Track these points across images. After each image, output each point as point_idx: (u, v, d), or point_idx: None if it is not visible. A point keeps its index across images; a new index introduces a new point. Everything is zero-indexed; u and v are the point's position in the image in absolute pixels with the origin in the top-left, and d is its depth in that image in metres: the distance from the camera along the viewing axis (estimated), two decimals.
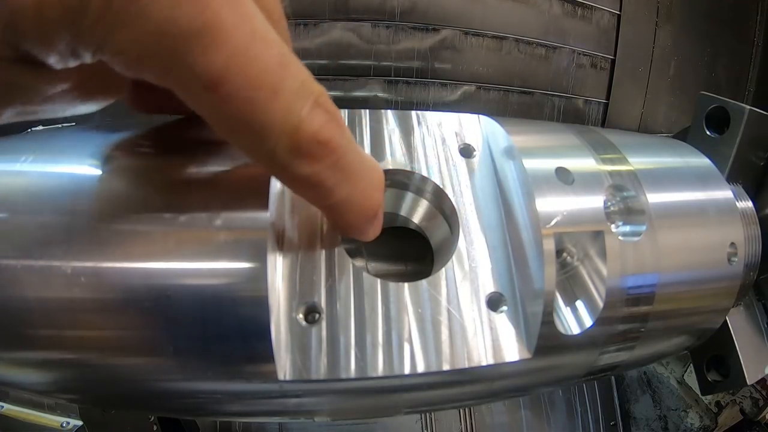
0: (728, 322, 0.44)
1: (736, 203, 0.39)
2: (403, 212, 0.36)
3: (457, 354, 0.27)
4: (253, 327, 0.25)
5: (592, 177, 0.33)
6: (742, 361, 0.44)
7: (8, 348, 0.27)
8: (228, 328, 0.25)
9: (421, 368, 0.27)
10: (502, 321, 0.29)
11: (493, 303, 0.29)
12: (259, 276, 0.25)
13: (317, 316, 0.27)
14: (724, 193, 0.39)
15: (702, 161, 0.41)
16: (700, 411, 0.76)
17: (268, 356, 0.25)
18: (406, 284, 0.28)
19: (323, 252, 0.28)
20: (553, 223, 0.29)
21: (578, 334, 0.30)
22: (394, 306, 0.27)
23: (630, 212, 0.34)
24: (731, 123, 0.43)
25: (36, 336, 0.27)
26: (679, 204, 0.36)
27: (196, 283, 0.25)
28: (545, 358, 0.30)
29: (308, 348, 0.26)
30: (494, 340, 0.28)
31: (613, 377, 0.93)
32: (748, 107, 0.43)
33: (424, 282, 0.28)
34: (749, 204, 0.42)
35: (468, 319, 0.28)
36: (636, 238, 0.32)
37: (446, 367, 0.27)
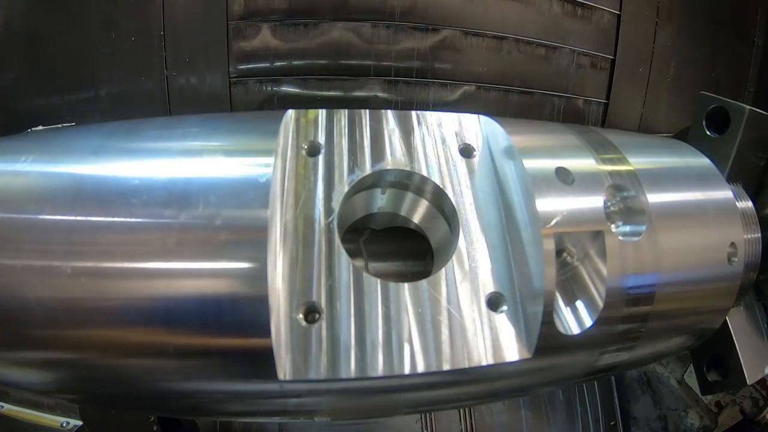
0: (728, 322, 0.44)
1: (736, 203, 0.39)
2: (403, 212, 0.36)
3: (457, 354, 0.27)
4: (253, 327, 0.25)
5: (592, 177, 0.33)
6: (742, 361, 0.44)
7: (8, 348, 0.27)
8: (228, 328, 0.25)
9: (421, 368, 0.27)
10: (502, 321, 0.29)
11: (493, 303, 0.29)
12: (259, 276, 0.25)
13: (317, 316, 0.27)
14: (724, 193, 0.39)
15: (702, 161, 0.41)
16: (700, 411, 0.76)
17: (268, 356, 0.25)
18: (406, 284, 0.28)
19: (323, 252, 0.28)
20: (553, 223, 0.29)
21: (578, 334, 0.30)
22: (394, 306, 0.27)
23: (630, 212, 0.34)
24: (731, 123, 0.43)
25: (36, 336, 0.27)
26: (679, 204, 0.36)
27: (197, 283, 0.25)
28: (545, 358, 0.30)
29: (308, 348, 0.26)
30: (494, 340, 0.28)
31: (613, 377, 0.93)
32: (748, 107, 0.43)
33: (424, 282, 0.28)
34: (749, 204, 0.42)
35: (468, 319, 0.28)
36: (636, 238, 0.32)
37: (446, 367, 0.27)
